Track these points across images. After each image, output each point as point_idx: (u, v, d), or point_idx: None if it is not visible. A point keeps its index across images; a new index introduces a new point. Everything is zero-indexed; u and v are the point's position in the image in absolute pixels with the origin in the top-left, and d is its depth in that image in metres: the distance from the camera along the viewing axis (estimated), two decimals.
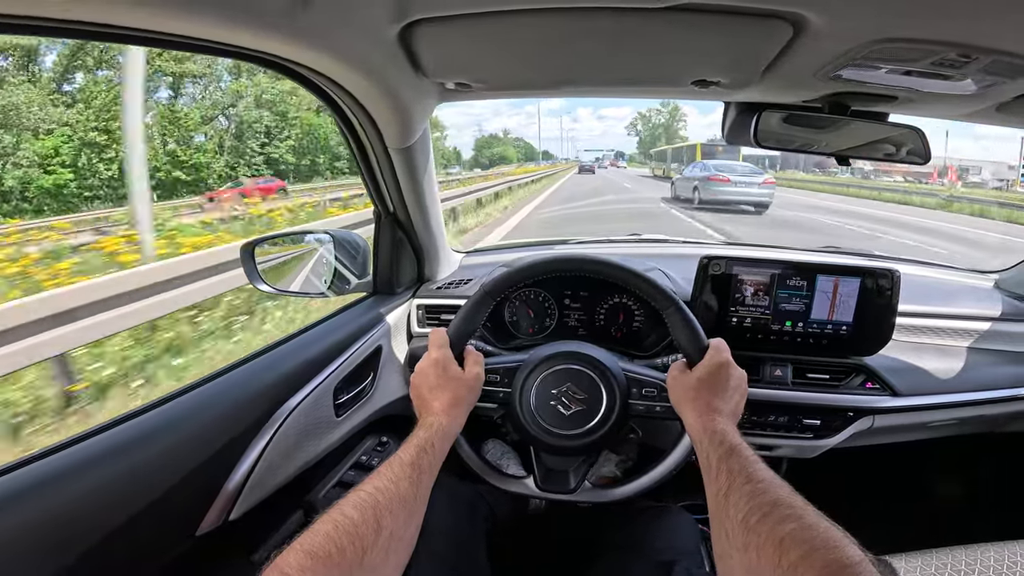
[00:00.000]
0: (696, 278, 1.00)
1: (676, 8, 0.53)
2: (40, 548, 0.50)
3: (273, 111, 29.90)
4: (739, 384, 0.67)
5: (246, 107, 28.99)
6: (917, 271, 1.30)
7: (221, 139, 28.15)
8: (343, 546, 0.45)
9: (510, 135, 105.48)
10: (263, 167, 29.02)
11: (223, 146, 27.92)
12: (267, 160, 29.76)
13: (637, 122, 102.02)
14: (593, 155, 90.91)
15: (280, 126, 30.31)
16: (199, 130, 27.52)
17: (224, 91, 29.57)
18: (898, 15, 0.52)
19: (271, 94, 29.28)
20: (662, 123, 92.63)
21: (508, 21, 0.56)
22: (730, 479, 0.51)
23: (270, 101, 29.66)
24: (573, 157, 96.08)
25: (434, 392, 0.68)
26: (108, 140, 22.26)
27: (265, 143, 29.72)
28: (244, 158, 28.58)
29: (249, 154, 28.79)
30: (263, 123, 29.33)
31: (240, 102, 28.95)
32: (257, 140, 29.29)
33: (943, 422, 1.07)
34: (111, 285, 2.81)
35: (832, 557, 0.38)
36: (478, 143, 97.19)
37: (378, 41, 0.59)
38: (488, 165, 52.77)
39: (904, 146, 0.85)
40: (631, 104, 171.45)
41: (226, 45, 0.51)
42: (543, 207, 13.08)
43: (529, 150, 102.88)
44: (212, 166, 26.68)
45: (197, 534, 0.66)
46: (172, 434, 0.64)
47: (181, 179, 25.04)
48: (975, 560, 0.83)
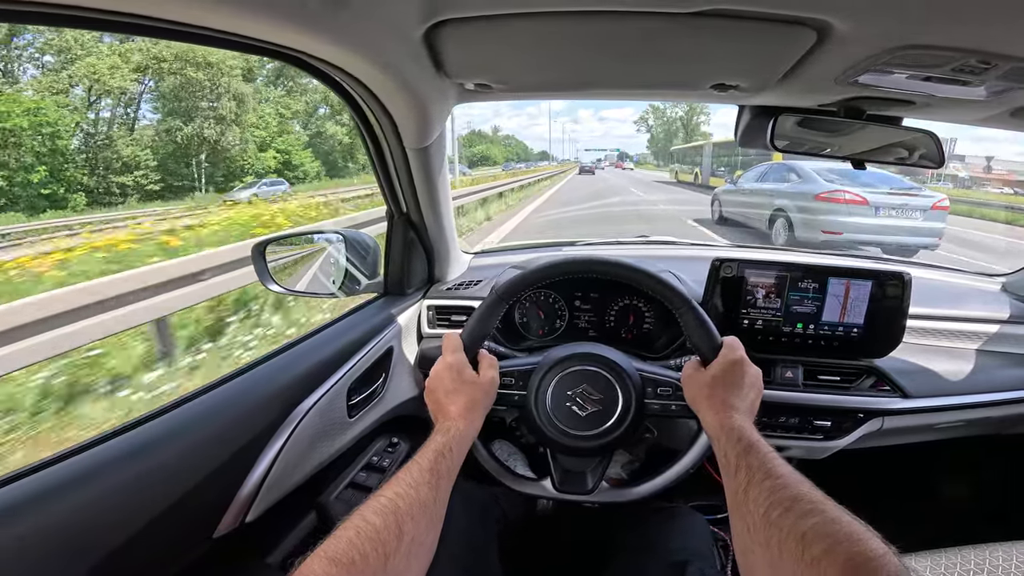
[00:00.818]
0: (708, 280, 1.00)
1: (703, 13, 0.53)
2: (61, 550, 0.50)
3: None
4: (755, 381, 0.67)
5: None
6: (926, 274, 1.31)
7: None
8: (366, 552, 0.45)
9: (500, 132, 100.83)
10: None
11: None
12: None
13: (648, 116, 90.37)
14: (594, 155, 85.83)
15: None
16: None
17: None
18: (921, 22, 0.52)
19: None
20: (679, 117, 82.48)
21: (534, 23, 0.56)
22: (749, 475, 0.51)
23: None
24: (573, 158, 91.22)
25: (450, 396, 0.68)
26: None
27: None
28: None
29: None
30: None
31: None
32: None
33: (952, 424, 1.08)
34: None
35: (856, 550, 0.38)
36: (459, 140, 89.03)
37: (404, 40, 0.59)
38: (468, 166, 51.24)
39: (917, 150, 0.86)
40: (632, 105, 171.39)
41: (258, 41, 0.50)
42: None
43: (521, 149, 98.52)
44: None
45: (214, 536, 0.66)
46: (190, 436, 0.64)
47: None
48: (984, 560, 0.83)
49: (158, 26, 0.45)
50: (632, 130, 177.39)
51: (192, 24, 0.45)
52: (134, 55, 26.79)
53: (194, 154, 27.83)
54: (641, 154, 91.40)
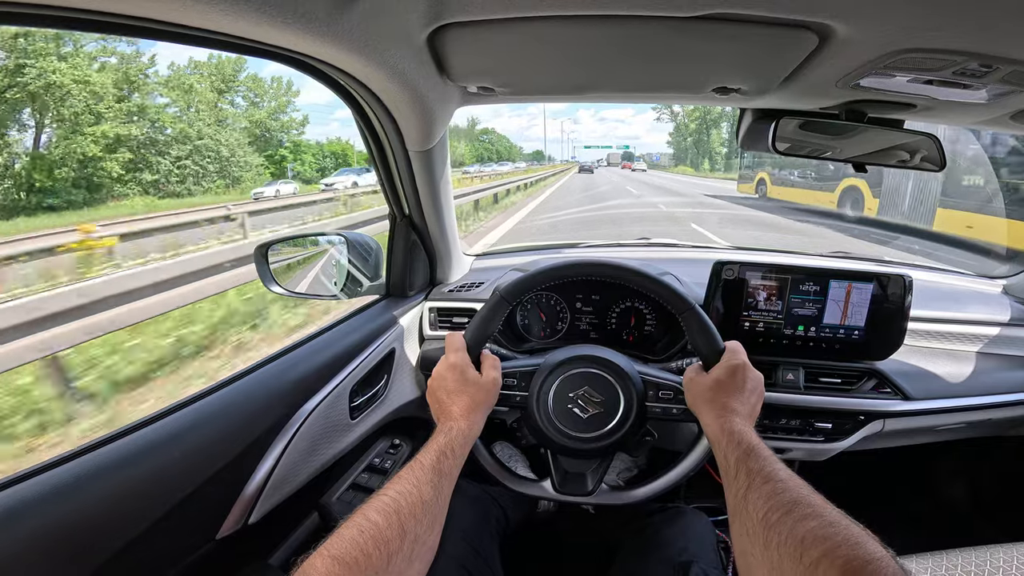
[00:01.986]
0: (709, 283, 1.00)
1: (706, 17, 0.53)
2: (64, 551, 0.50)
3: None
4: (756, 386, 0.68)
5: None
6: (926, 276, 1.31)
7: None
8: (369, 551, 0.45)
9: (478, 127, 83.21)
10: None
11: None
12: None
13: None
14: (595, 155, 78.01)
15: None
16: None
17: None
18: (924, 26, 0.53)
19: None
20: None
21: (537, 26, 0.57)
22: (749, 479, 0.51)
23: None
24: (571, 157, 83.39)
25: (452, 397, 0.68)
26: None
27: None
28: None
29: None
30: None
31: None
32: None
33: (952, 426, 1.08)
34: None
35: (854, 554, 0.39)
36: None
37: (408, 44, 0.59)
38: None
39: (919, 153, 0.86)
40: (633, 106, 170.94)
41: (263, 44, 0.51)
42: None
43: (504, 148, 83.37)
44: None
45: (217, 537, 0.66)
46: (193, 438, 0.64)
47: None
48: (984, 562, 0.83)
49: (164, 29, 0.45)
50: (633, 130, 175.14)
51: (197, 27, 0.46)
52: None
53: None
54: (663, 155, 71.51)
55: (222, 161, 26.66)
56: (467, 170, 33.22)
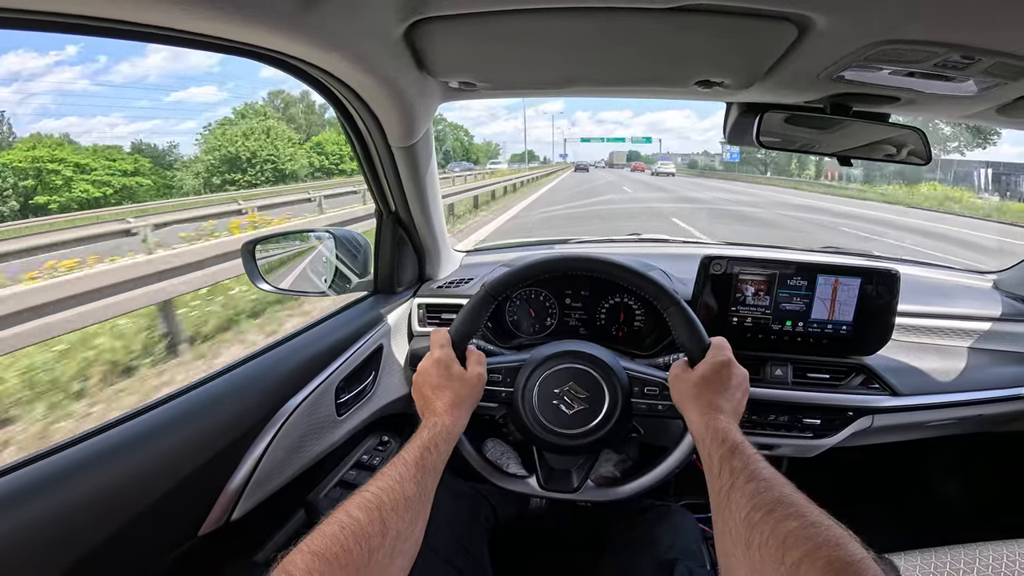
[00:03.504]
0: (697, 278, 1.00)
1: (682, 9, 0.53)
2: (42, 549, 0.50)
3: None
4: (741, 383, 0.67)
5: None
6: (916, 271, 1.31)
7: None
8: (349, 547, 0.45)
9: (446, 120, 66.90)
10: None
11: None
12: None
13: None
14: (594, 154, 75.46)
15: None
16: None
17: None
18: (903, 17, 0.52)
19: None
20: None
21: (514, 20, 0.56)
22: (732, 477, 0.51)
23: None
24: (563, 157, 67.84)
25: (437, 392, 0.68)
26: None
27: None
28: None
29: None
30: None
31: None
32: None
33: (943, 422, 1.08)
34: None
35: (835, 555, 0.38)
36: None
37: (383, 39, 0.59)
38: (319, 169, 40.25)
39: (905, 147, 0.86)
40: (634, 106, 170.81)
41: (232, 42, 0.50)
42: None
43: (480, 150, 68.41)
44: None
45: (199, 534, 0.66)
46: (174, 434, 0.64)
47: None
48: (974, 559, 0.83)
49: (134, 30, 0.45)
50: (654, 119, 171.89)
51: (167, 27, 0.45)
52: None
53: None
54: (693, 157, 56.37)
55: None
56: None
